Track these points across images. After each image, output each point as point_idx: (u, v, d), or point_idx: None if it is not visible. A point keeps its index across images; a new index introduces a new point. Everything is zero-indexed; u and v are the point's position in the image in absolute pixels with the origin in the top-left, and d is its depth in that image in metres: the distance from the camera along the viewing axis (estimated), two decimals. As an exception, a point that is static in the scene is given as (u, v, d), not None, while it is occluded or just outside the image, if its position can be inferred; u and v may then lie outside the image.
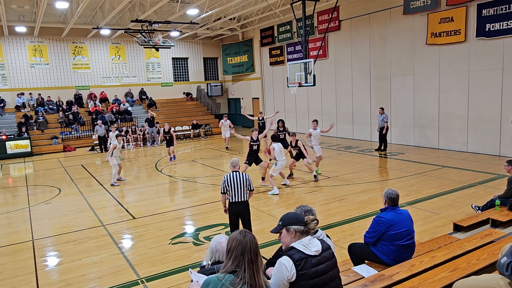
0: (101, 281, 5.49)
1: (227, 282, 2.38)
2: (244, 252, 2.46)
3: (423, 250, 4.76)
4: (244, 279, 2.40)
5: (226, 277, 2.41)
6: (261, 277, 2.49)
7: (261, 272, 2.50)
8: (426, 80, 14.74)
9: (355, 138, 18.11)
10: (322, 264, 2.93)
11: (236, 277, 2.41)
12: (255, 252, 2.50)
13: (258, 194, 9.63)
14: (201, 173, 12.67)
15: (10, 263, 6.26)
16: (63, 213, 8.90)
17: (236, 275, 2.42)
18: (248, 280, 2.40)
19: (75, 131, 20.54)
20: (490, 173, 10.54)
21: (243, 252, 2.46)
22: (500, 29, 12.17)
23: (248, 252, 2.46)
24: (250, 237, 2.54)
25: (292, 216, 3.07)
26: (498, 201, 6.49)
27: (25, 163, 16.69)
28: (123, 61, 24.30)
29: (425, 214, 7.55)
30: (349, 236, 6.57)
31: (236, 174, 5.90)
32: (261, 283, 2.47)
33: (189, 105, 25.83)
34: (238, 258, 2.46)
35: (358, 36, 17.29)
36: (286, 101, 22.43)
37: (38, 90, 21.79)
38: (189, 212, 8.64)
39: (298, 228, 2.98)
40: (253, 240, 2.53)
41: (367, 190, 9.51)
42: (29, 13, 18.33)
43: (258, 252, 2.53)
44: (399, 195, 4.46)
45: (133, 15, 17.55)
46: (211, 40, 26.95)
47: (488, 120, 12.98)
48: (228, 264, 2.48)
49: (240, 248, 2.47)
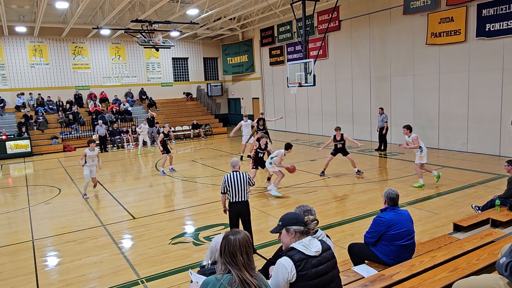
0: (101, 281, 5.49)
1: (225, 282, 2.40)
2: (236, 251, 2.47)
3: (423, 250, 4.76)
4: (240, 277, 2.41)
5: (224, 277, 2.42)
6: (256, 275, 2.50)
7: (255, 270, 2.51)
8: (426, 80, 14.74)
9: (355, 138, 18.01)
10: (322, 265, 2.92)
11: (233, 276, 2.42)
12: (246, 250, 2.51)
13: (258, 194, 9.63)
14: (201, 173, 12.67)
15: (10, 263, 6.26)
16: (63, 213, 8.90)
17: (232, 275, 2.43)
18: (243, 278, 2.41)
19: (75, 131, 20.54)
20: (490, 173, 10.54)
21: (235, 251, 2.47)
22: (500, 29, 12.17)
23: (240, 251, 2.48)
24: (242, 235, 2.54)
25: (292, 216, 3.06)
26: (498, 201, 6.48)
27: (25, 163, 16.69)
28: (123, 61, 24.30)
29: (425, 214, 7.55)
30: (349, 236, 6.57)
31: (236, 174, 5.90)
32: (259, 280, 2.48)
33: (189, 105, 25.83)
34: (230, 257, 2.47)
35: (358, 36, 17.29)
36: (286, 101, 22.43)
37: (38, 90, 21.80)
38: (189, 212, 8.64)
39: (298, 229, 2.97)
40: (245, 237, 2.54)
41: (367, 190, 9.51)
42: (29, 13, 18.33)
43: (250, 250, 2.53)
44: (399, 195, 4.46)
45: (133, 15, 17.55)
46: (211, 40, 26.95)
47: (488, 120, 12.98)
48: (223, 264, 2.50)
49: (232, 247, 2.48)
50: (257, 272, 2.56)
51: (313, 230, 3.08)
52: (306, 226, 3.00)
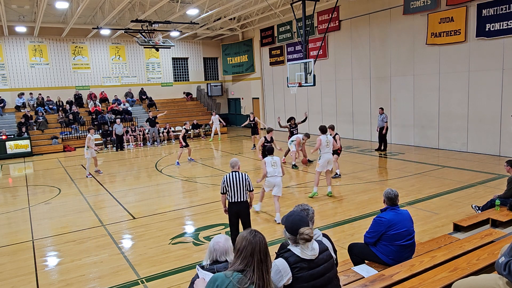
0: (101, 281, 5.49)
1: (235, 280, 2.38)
2: (254, 252, 2.46)
3: (423, 250, 4.76)
4: (252, 278, 2.41)
5: (234, 275, 2.41)
6: (270, 278, 2.50)
7: (270, 273, 2.51)
8: (426, 80, 14.74)
9: (355, 138, 18.10)
10: (319, 267, 2.90)
11: (245, 276, 2.41)
12: (265, 252, 2.51)
13: (258, 194, 9.61)
14: (201, 173, 12.67)
15: (10, 263, 6.26)
16: (63, 213, 8.90)
17: (244, 274, 2.42)
18: (256, 280, 2.41)
19: (75, 131, 20.54)
20: (490, 173, 10.54)
21: (253, 252, 2.46)
22: (500, 29, 12.17)
23: (258, 253, 2.47)
24: (260, 237, 2.54)
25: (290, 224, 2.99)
26: (498, 201, 6.48)
27: (25, 163, 16.68)
28: (123, 61, 24.29)
29: (425, 214, 7.55)
30: (349, 236, 6.57)
31: (235, 174, 5.90)
32: (270, 283, 2.48)
33: (189, 105, 25.82)
34: (247, 258, 2.46)
35: (358, 36, 17.28)
36: (286, 101, 22.43)
37: (38, 90, 21.79)
38: (189, 212, 8.64)
39: (290, 237, 2.95)
40: (262, 240, 2.54)
41: (367, 190, 9.51)
42: (29, 13, 18.33)
43: (268, 253, 2.53)
44: (397, 195, 4.46)
45: (133, 15, 17.55)
46: (211, 40, 26.95)
47: (488, 120, 12.98)
48: (237, 263, 2.49)
49: (250, 248, 2.47)
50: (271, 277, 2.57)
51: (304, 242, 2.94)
52: (297, 238, 2.91)
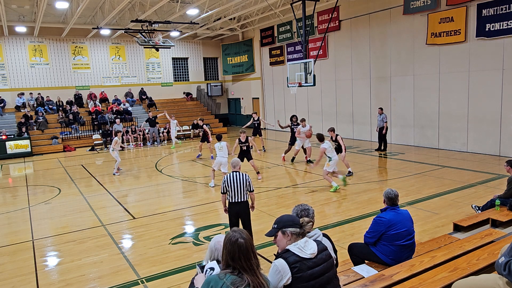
0: (101, 281, 5.49)
1: (228, 282, 2.38)
2: (240, 252, 2.46)
3: (423, 250, 4.76)
4: (244, 278, 2.41)
5: (227, 277, 2.41)
6: (260, 275, 2.50)
7: (258, 270, 2.51)
8: (426, 80, 14.74)
9: (355, 138, 18.10)
10: (319, 266, 2.90)
11: (237, 277, 2.41)
12: (251, 251, 2.50)
13: (258, 194, 9.62)
14: (201, 173, 12.67)
15: (10, 263, 6.26)
16: (63, 213, 8.90)
17: (237, 276, 2.42)
18: (248, 280, 2.41)
19: (75, 131, 20.54)
20: (490, 173, 10.54)
21: (239, 252, 2.46)
22: (500, 29, 12.17)
23: (244, 252, 2.47)
24: (244, 237, 2.53)
25: (287, 218, 3.04)
26: (498, 201, 6.49)
27: (25, 163, 16.69)
28: (123, 61, 24.29)
29: (425, 214, 7.55)
30: (349, 236, 6.57)
31: (236, 174, 5.90)
32: (261, 281, 2.48)
33: (189, 105, 25.82)
34: (234, 259, 2.46)
35: (358, 36, 17.29)
36: (286, 101, 22.43)
37: (38, 90, 21.79)
38: (189, 212, 8.64)
39: (294, 231, 2.96)
40: (248, 239, 2.53)
41: (367, 190, 9.51)
42: (29, 13, 18.33)
43: (254, 251, 2.53)
44: (398, 195, 4.46)
45: (133, 15, 17.55)
46: (211, 40, 26.94)
47: (488, 120, 12.98)
48: (226, 265, 2.49)
49: (236, 249, 2.47)
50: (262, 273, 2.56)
51: (308, 231, 3.08)
52: (302, 228, 3.00)
